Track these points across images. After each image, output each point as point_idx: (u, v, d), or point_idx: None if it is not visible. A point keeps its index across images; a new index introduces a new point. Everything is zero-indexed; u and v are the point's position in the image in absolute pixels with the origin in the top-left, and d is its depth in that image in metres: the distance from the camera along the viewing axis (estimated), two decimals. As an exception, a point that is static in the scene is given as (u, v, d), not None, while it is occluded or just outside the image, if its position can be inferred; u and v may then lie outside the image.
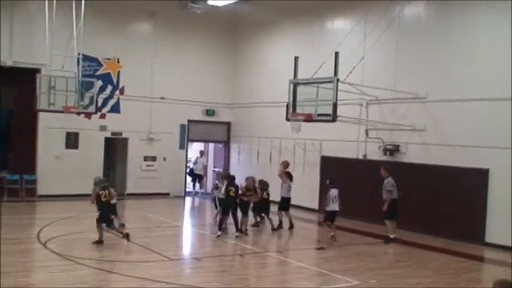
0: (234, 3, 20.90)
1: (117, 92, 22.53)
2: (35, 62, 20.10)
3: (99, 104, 21.02)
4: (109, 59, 22.34)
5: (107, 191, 13.29)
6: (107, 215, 13.24)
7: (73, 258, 11.74)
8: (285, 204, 16.64)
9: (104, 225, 13.25)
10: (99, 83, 21.15)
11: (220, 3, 21.39)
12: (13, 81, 21.13)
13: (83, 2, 18.74)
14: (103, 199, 13.21)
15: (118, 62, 22.52)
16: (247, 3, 21.10)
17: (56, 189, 20.73)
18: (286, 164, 17.54)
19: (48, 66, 19.12)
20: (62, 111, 18.54)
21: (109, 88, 22.31)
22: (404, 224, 15.60)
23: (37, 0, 19.66)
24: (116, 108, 22.48)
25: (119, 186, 23.20)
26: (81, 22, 18.97)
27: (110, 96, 22.34)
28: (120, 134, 22.74)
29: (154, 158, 23.27)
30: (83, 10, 18.84)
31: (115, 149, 23.36)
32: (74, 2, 18.90)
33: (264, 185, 16.34)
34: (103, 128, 22.20)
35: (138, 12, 22.76)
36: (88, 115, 20.94)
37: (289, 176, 16.88)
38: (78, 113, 19.81)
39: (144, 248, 13.23)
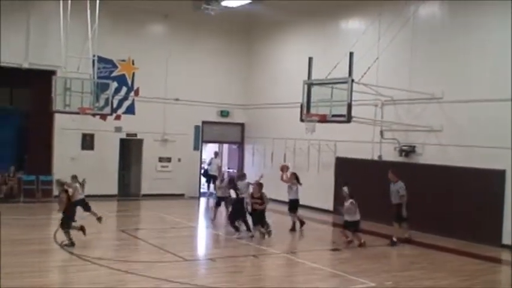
0: (247, 4, 20.91)
1: (132, 94, 22.67)
2: (51, 64, 20.26)
3: (114, 106, 21.15)
4: (124, 60, 22.47)
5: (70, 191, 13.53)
6: (73, 215, 13.31)
7: (89, 258, 11.80)
8: (295, 205, 16.64)
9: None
10: (115, 85, 21.29)
11: (234, 4, 21.44)
12: (29, 82, 21.33)
13: (97, 3, 18.84)
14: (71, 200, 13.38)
15: (133, 63, 22.65)
16: (261, 3, 21.13)
17: (71, 190, 20.88)
18: (286, 167, 17.39)
19: (63, 68, 19.26)
20: (77, 113, 18.67)
21: (124, 89, 22.46)
22: (420, 226, 15.51)
23: (52, 1, 19.79)
24: (130, 110, 22.62)
25: (134, 187, 23.44)
26: (96, 24, 19.09)
27: (125, 98, 22.49)
28: (135, 135, 22.85)
29: (169, 159, 23.35)
30: (97, 12, 18.93)
31: (130, 150, 23.48)
32: (88, 3, 19.02)
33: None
34: (118, 129, 22.33)
35: (153, 14, 22.86)
36: (103, 116, 21.03)
37: (297, 178, 16.78)
38: (94, 115, 19.90)
39: (159, 248, 13.27)
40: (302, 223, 16.51)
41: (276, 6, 21.10)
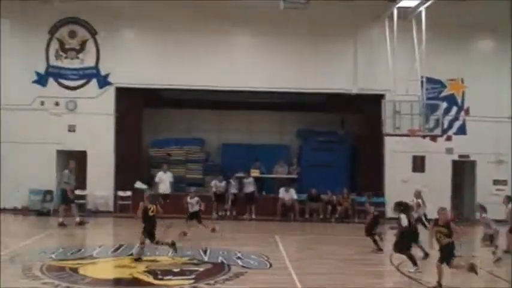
0: None
1: (462, 113, 22.02)
2: (379, 88, 20.81)
3: (444, 126, 20.79)
4: (453, 79, 22.00)
5: (154, 206, 12.88)
6: (150, 230, 12.62)
7: (428, 284, 11.31)
8: None
9: (147, 241, 12.61)
10: (444, 105, 20.83)
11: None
12: (358, 107, 22.27)
13: (423, 24, 18.73)
14: (150, 213, 12.73)
15: (462, 82, 22.03)
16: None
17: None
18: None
19: (392, 91, 19.56)
20: (407, 135, 18.79)
21: (454, 109, 22.00)
22: None
23: (378, 27, 20.36)
24: (461, 130, 21.96)
25: (466, 210, 22.34)
26: (423, 45, 19.01)
27: (455, 118, 21.98)
28: (468, 156, 21.97)
29: (505, 182, 21.67)
30: (424, 33, 18.83)
31: (462, 172, 22.62)
32: (414, 26, 19.00)
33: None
34: (449, 151, 21.80)
35: (479, 30, 21.85)
36: (433, 138, 20.83)
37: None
38: (424, 136, 19.85)
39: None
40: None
41: None
